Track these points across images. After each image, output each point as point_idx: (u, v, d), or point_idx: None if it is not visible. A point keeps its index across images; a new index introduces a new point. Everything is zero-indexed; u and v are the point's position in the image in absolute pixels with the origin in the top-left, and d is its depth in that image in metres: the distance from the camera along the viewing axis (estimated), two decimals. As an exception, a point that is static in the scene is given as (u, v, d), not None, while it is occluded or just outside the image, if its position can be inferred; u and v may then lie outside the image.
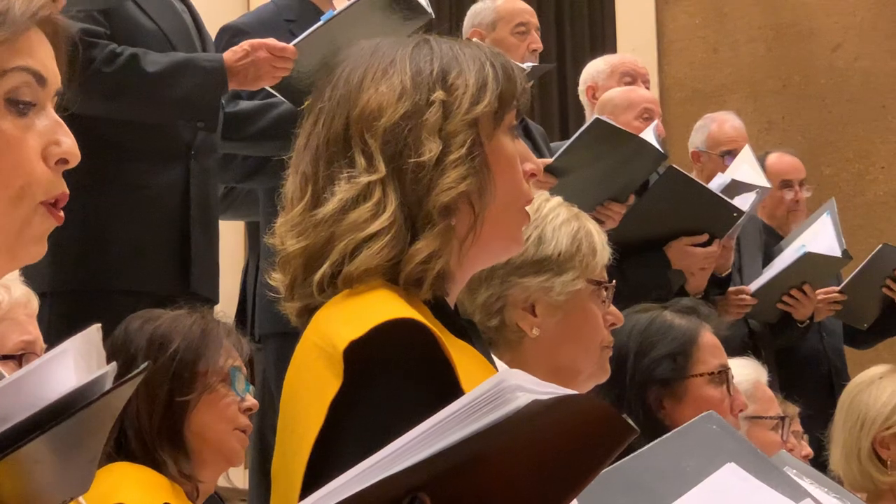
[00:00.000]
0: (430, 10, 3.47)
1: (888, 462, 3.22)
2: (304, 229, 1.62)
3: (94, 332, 1.03)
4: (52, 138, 1.29)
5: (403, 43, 1.68)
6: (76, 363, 1.00)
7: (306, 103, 3.60)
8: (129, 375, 1.02)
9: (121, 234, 3.12)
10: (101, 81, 3.03)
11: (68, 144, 1.30)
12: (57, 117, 1.31)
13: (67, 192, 1.30)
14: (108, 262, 3.06)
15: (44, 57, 1.30)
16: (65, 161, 1.30)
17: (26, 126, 1.28)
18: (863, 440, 3.25)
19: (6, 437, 0.97)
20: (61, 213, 1.30)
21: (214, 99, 3.27)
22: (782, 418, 3.03)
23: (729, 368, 2.68)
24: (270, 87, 3.40)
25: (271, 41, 3.27)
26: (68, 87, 1.33)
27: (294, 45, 3.28)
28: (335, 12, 3.40)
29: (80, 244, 2.93)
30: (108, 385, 1.04)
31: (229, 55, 3.25)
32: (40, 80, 1.29)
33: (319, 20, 3.38)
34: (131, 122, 3.20)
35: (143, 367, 1.03)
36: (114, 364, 1.03)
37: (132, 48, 3.18)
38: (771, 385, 3.21)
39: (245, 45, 3.27)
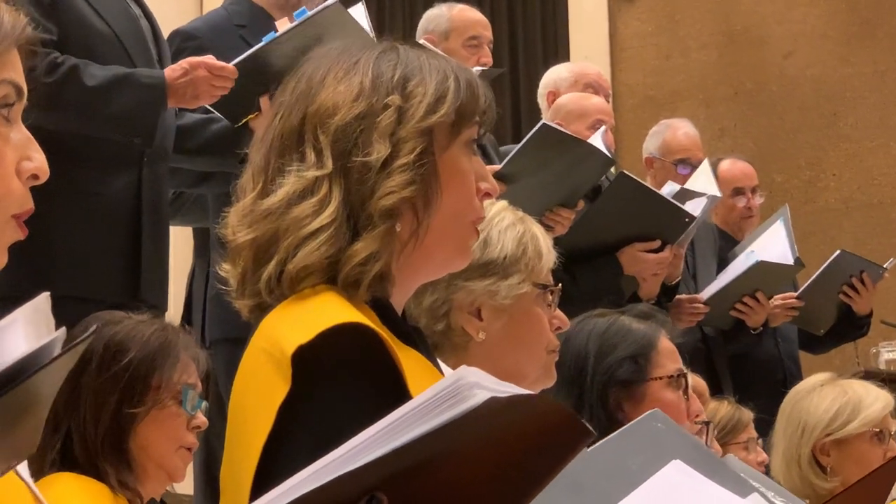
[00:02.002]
0: (371, 33, 3.48)
1: (828, 469, 3.23)
2: (254, 220, 1.63)
3: (43, 300, 1.03)
4: (24, 153, 1.31)
5: (371, 46, 1.70)
6: (25, 331, 1.00)
7: (243, 121, 3.59)
8: (77, 341, 1.01)
9: (70, 241, 3.11)
10: (39, 91, 3.01)
11: (39, 160, 1.32)
12: (28, 133, 1.33)
13: (33, 207, 1.32)
14: (56, 267, 3.04)
15: (20, 72, 1.32)
16: (35, 177, 1.32)
17: (4, 140, 1.30)
18: (803, 447, 3.27)
19: None
20: (25, 227, 1.32)
21: (152, 116, 3.24)
22: (706, 423, 3.05)
23: (686, 373, 2.71)
24: (209, 105, 3.39)
25: (210, 60, 3.25)
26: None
27: (233, 65, 3.27)
28: (277, 34, 3.39)
29: (28, 249, 2.91)
30: (57, 351, 1.04)
31: (169, 72, 3.23)
32: (19, 93, 1.31)
33: (261, 41, 3.37)
34: (82, 129, 3.19)
35: (90, 332, 1.02)
36: (63, 329, 1.03)
37: (74, 59, 3.15)
38: (719, 389, 3.23)
39: (185, 63, 3.25)
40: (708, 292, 4.70)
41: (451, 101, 1.66)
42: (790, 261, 4.82)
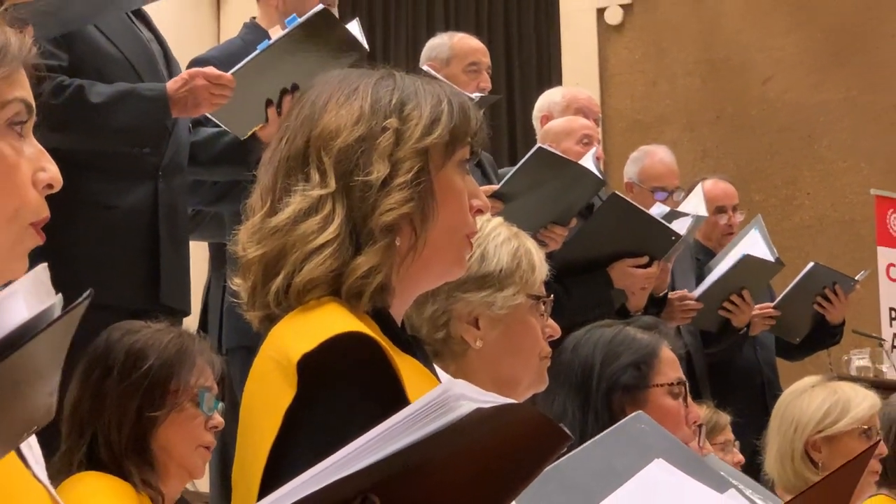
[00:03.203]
0: (364, 43, 3.47)
1: (819, 463, 3.25)
2: (262, 237, 1.63)
3: (42, 270, 1.02)
4: (38, 165, 1.32)
5: (370, 74, 1.70)
6: (27, 301, 0.98)
7: (249, 133, 3.58)
8: (76, 302, 1.00)
9: (91, 252, 3.10)
10: (48, 114, 3.00)
11: (53, 171, 1.32)
12: (40, 146, 1.33)
13: (49, 214, 1.32)
14: (79, 278, 3.03)
15: (29, 89, 1.32)
16: (49, 186, 1.32)
17: (19, 152, 1.30)
18: (796, 443, 3.29)
19: None
20: (43, 234, 1.32)
21: (158, 126, 3.23)
22: (699, 426, 3.05)
23: (686, 382, 2.71)
24: (214, 118, 3.38)
25: (209, 69, 3.24)
26: None
27: (232, 74, 3.26)
28: (270, 42, 3.38)
29: (52, 262, 2.90)
30: (57, 314, 1.02)
31: (170, 84, 3.22)
32: (30, 110, 1.32)
33: (256, 49, 3.37)
34: (99, 145, 3.18)
35: (85, 295, 1.00)
36: (60, 295, 1.02)
37: (80, 80, 3.15)
38: (699, 395, 3.24)
39: (184, 74, 3.24)
40: (698, 291, 4.71)
41: (445, 124, 1.66)
42: (770, 257, 4.84)
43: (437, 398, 1.14)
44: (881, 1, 7.42)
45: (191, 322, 3.63)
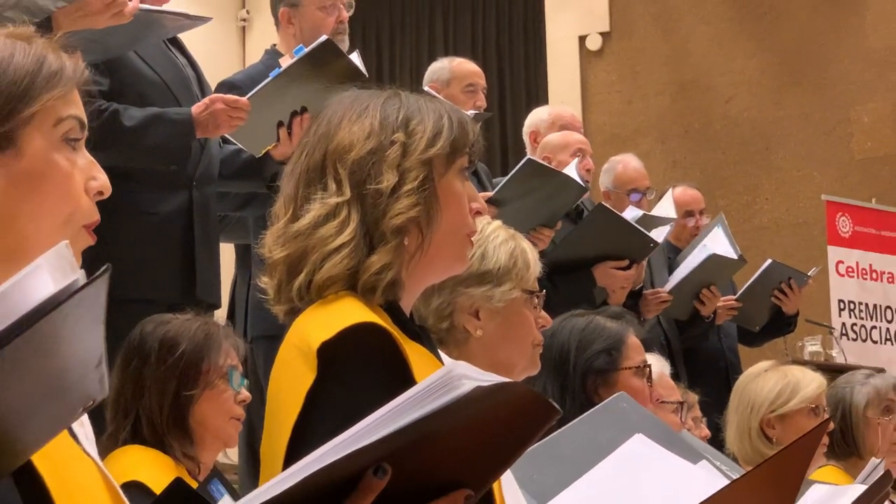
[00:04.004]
0: (364, 71, 3.47)
1: (773, 439, 3.25)
2: (286, 240, 1.63)
3: (63, 247, 1.00)
4: (90, 174, 1.32)
5: (378, 94, 1.69)
6: (52, 276, 0.96)
7: (263, 151, 3.58)
8: (96, 275, 0.96)
9: (134, 253, 3.10)
10: (88, 135, 2.98)
11: (103, 180, 1.32)
12: (91, 157, 1.33)
13: (99, 218, 1.32)
14: (122, 276, 3.03)
15: (81, 108, 1.33)
16: (100, 193, 1.32)
17: (73, 163, 1.30)
18: (752, 421, 3.28)
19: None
20: (94, 235, 1.32)
21: (184, 146, 3.21)
22: (681, 403, 3.05)
23: (650, 364, 2.71)
24: (232, 138, 3.36)
25: (228, 95, 3.23)
26: None
27: (247, 99, 3.25)
28: (281, 69, 3.37)
29: (99, 262, 2.89)
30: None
31: (195, 108, 3.20)
32: (82, 126, 1.32)
33: (269, 76, 3.36)
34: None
35: (104, 267, 0.96)
36: (83, 271, 0.99)
37: (116, 105, 3.13)
38: (677, 376, 3.25)
39: (206, 99, 3.23)
40: (669, 285, 4.71)
41: (446, 136, 1.66)
42: (733, 255, 4.84)
43: (442, 378, 1.14)
44: (831, 29, 7.41)
45: (220, 314, 3.63)
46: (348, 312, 1.54)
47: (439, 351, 1.75)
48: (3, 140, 1.25)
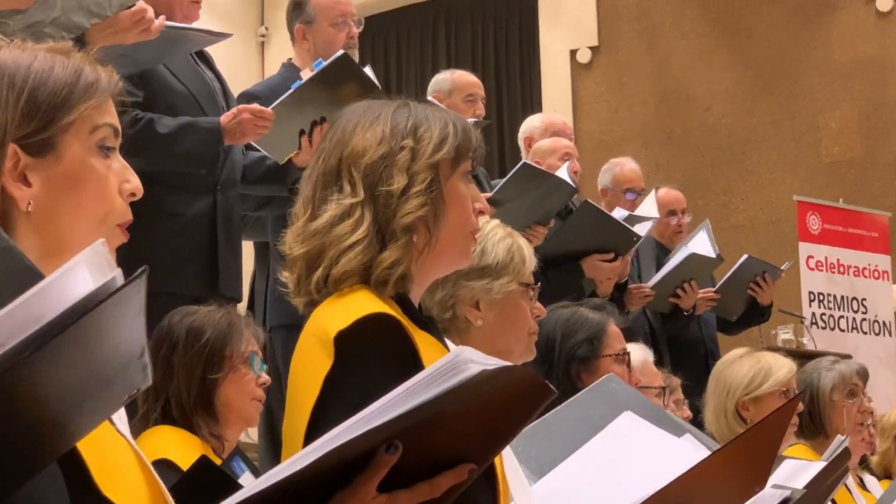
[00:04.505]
0: (377, 84, 3.46)
1: (748, 420, 3.24)
2: (305, 238, 1.63)
3: (100, 245, 1.00)
4: (123, 177, 1.32)
5: (389, 104, 1.69)
6: (91, 272, 0.96)
7: (286, 158, 3.57)
8: (135, 274, 0.95)
9: (162, 250, 3.10)
10: (124, 141, 2.98)
11: (135, 182, 1.33)
12: (125, 162, 1.33)
13: (132, 217, 1.33)
14: (152, 270, 3.02)
15: (116, 117, 1.33)
16: (133, 195, 1.32)
17: (108, 167, 1.30)
18: (728, 403, 3.27)
19: (41, 334, 0.91)
20: (127, 233, 1.33)
21: (213, 153, 3.21)
22: (663, 388, 3.05)
23: (629, 352, 2.71)
24: (257, 145, 3.36)
25: (254, 106, 3.22)
26: None
27: (271, 109, 3.24)
28: (301, 82, 3.37)
29: (129, 259, 2.88)
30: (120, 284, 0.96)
31: (223, 118, 3.20)
32: (116, 133, 1.32)
33: (290, 88, 3.36)
34: (169, 164, 3.18)
35: (142, 269, 0.94)
36: (120, 269, 0.98)
37: (150, 114, 3.13)
38: (661, 362, 3.25)
39: (234, 109, 3.23)
40: (652, 281, 4.71)
41: (452, 142, 1.66)
42: (713, 255, 4.84)
43: (450, 362, 1.14)
44: (801, 43, 7.41)
45: (240, 307, 3.63)
46: (362, 304, 1.54)
47: (445, 339, 1.76)
48: (44, 146, 1.25)
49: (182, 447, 2.30)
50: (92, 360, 0.97)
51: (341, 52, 3.42)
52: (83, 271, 0.95)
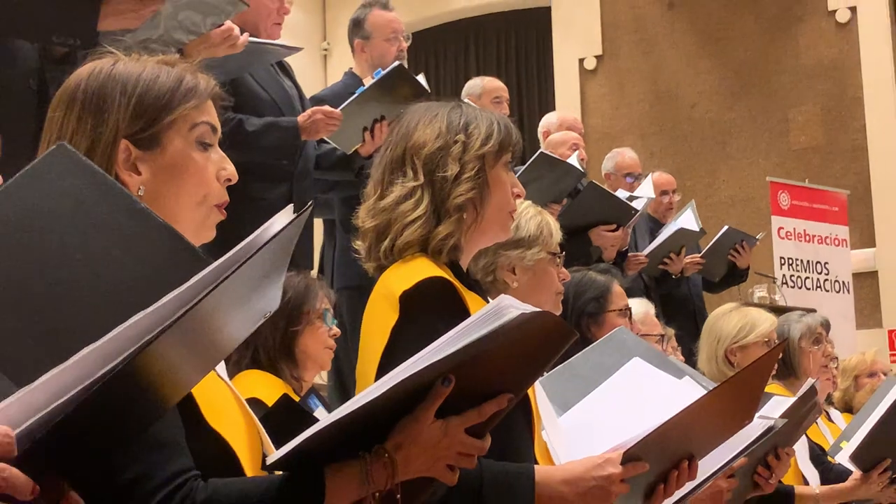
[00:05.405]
0: (427, 88, 3.45)
1: (735, 364, 3.23)
2: (375, 214, 1.64)
3: (287, 209, 1.03)
4: (221, 165, 1.32)
5: (445, 105, 1.70)
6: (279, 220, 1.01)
7: (352, 150, 3.55)
8: (301, 211, 1.02)
9: (248, 228, 3.11)
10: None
11: (231, 170, 1.33)
12: (222, 153, 1.33)
13: (228, 199, 1.33)
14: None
15: (214, 115, 1.32)
16: (229, 180, 1.32)
17: (206, 158, 1.30)
18: (719, 350, 3.25)
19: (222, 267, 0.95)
20: (225, 212, 1.33)
21: (293, 147, 3.20)
22: (662, 336, 3.04)
23: (630, 307, 2.69)
24: (329, 139, 3.35)
25: (326, 108, 3.22)
26: None
27: (340, 109, 3.24)
28: (365, 87, 3.36)
29: (219, 237, 2.88)
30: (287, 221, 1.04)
31: (300, 118, 3.19)
32: (214, 130, 1.31)
33: (356, 93, 3.35)
34: (252, 157, 3.18)
35: (309, 205, 1.01)
36: (291, 206, 1.01)
37: (239, 115, 3.13)
38: (657, 316, 3.24)
39: (309, 110, 3.22)
40: (647, 250, 4.70)
41: (496, 137, 1.66)
42: (697, 229, 4.82)
43: (494, 307, 1.14)
44: (773, 49, 7.33)
45: (312, 273, 3.65)
46: (422, 269, 1.55)
47: (488, 298, 1.76)
48: (151, 140, 1.25)
49: (268, 387, 2.31)
50: (252, 283, 1.00)
51: (397, 63, 3.41)
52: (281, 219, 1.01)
